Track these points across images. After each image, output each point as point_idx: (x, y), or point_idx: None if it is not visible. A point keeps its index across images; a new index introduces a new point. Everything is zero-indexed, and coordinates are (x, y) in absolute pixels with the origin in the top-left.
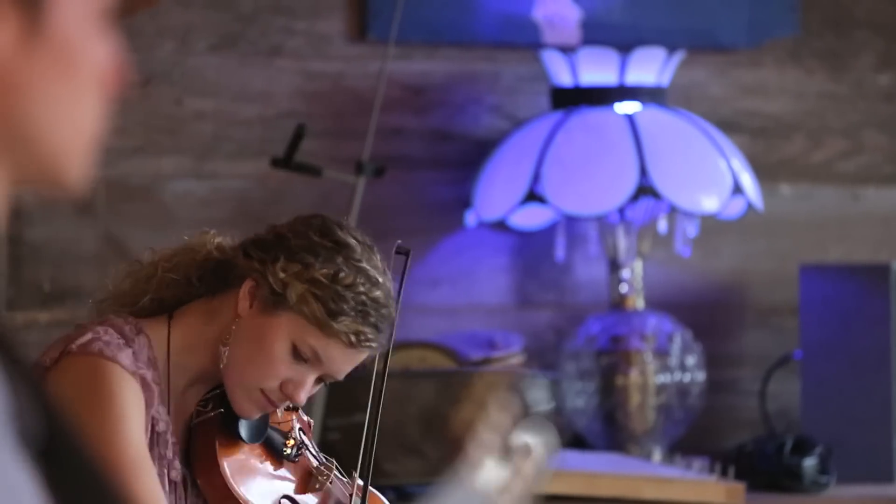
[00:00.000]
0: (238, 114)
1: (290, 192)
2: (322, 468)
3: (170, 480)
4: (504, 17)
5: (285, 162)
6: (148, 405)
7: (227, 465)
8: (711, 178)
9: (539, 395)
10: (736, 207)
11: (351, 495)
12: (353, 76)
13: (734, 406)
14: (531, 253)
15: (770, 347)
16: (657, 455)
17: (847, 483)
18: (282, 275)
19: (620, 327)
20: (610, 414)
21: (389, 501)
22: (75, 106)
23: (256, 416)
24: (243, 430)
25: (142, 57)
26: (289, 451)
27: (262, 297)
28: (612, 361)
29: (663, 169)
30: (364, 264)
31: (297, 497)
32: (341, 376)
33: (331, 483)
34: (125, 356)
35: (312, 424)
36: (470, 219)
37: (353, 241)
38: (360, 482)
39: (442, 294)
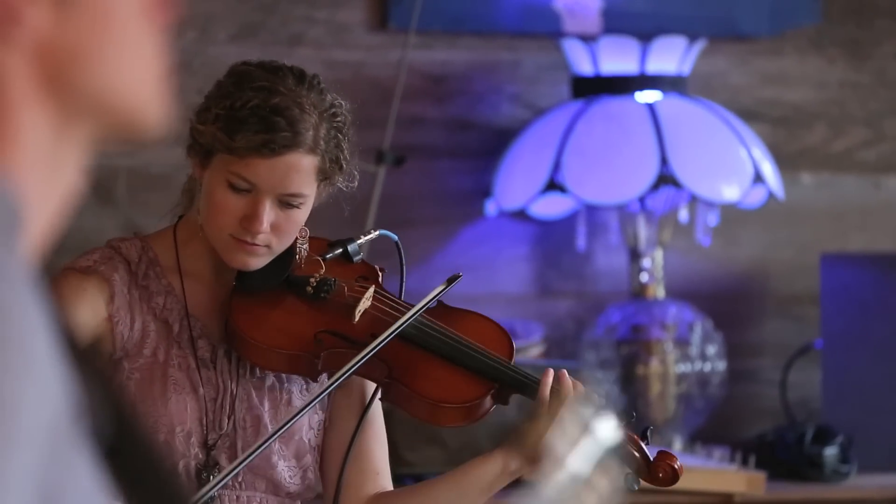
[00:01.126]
0: None
1: None
2: (357, 296)
3: (197, 359)
4: (525, 6)
5: None
6: (132, 301)
7: (239, 319)
8: (732, 167)
9: (608, 417)
10: (757, 196)
11: (395, 314)
12: (374, 65)
13: (755, 395)
14: (551, 242)
15: (791, 337)
16: (678, 444)
17: (868, 472)
18: (199, 127)
19: (641, 317)
20: (630, 403)
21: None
22: (128, 48)
23: (251, 261)
24: (251, 283)
25: None
26: (310, 290)
27: (197, 157)
28: (632, 351)
29: (684, 158)
30: (262, 83)
31: (334, 329)
32: (289, 188)
33: (369, 305)
34: (88, 259)
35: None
36: (490, 208)
37: (253, 69)
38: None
39: (462, 283)
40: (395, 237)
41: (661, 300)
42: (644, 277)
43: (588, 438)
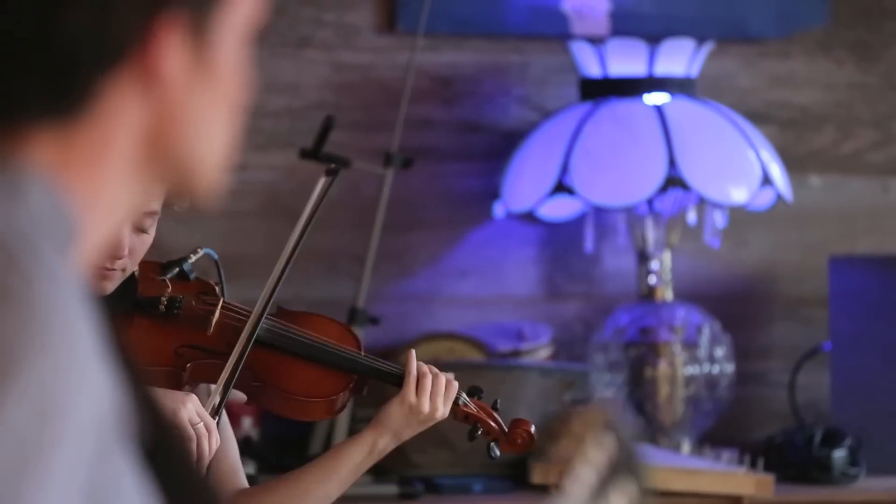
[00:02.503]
0: (266, 105)
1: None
2: (208, 308)
3: None
4: (533, 8)
5: (314, 153)
6: None
7: None
8: (740, 170)
9: (630, 436)
10: (765, 199)
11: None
12: (382, 67)
13: (763, 398)
14: (559, 244)
15: (799, 339)
16: (686, 447)
17: (876, 475)
18: None
19: (649, 319)
20: (639, 405)
21: (418, 492)
22: (219, 123)
23: (107, 285)
24: (115, 307)
25: None
26: (162, 308)
27: None
28: (640, 353)
29: (692, 160)
30: None
31: (192, 343)
32: (147, 207)
33: (216, 318)
34: None
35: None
36: (498, 210)
37: None
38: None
39: (470, 285)
40: (216, 256)
41: (670, 302)
42: (652, 279)
43: (609, 463)
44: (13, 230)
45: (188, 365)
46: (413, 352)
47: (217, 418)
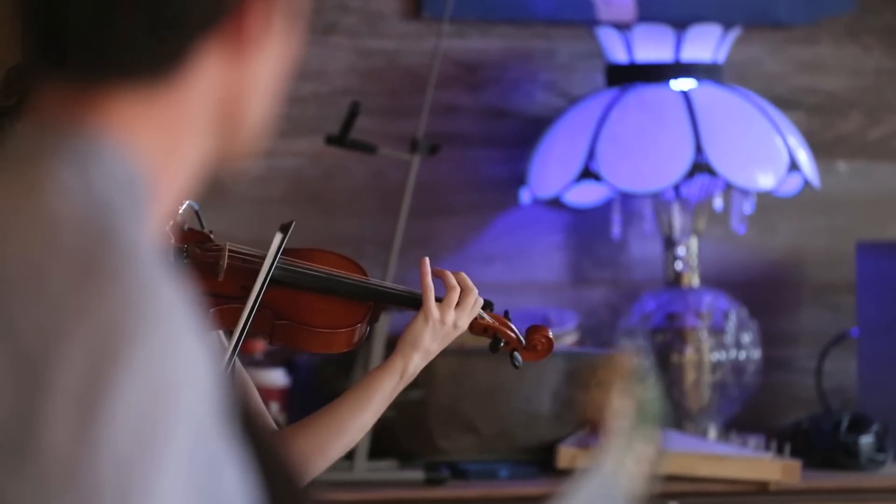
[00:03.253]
0: (293, 91)
1: (345, 170)
2: (215, 253)
3: None
4: None
5: (340, 139)
6: None
7: None
8: (767, 156)
9: (650, 382)
10: (792, 185)
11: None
12: (408, 54)
13: (790, 384)
14: (586, 230)
15: (826, 325)
16: (713, 432)
17: None
18: None
19: (676, 305)
20: (665, 391)
21: (445, 478)
22: (273, 93)
23: None
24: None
25: None
26: (171, 259)
27: None
28: (667, 339)
29: (719, 146)
30: None
31: (206, 290)
32: None
33: (225, 262)
34: None
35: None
36: (524, 196)
37: None
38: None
39: (496, 271)
40: (196, 206)
41: (696, 288)
42: (679, 266)
43: (638, 408)
44: (96, 200)
45: (209, 312)
46: (426, 262)
47: (231, 363)
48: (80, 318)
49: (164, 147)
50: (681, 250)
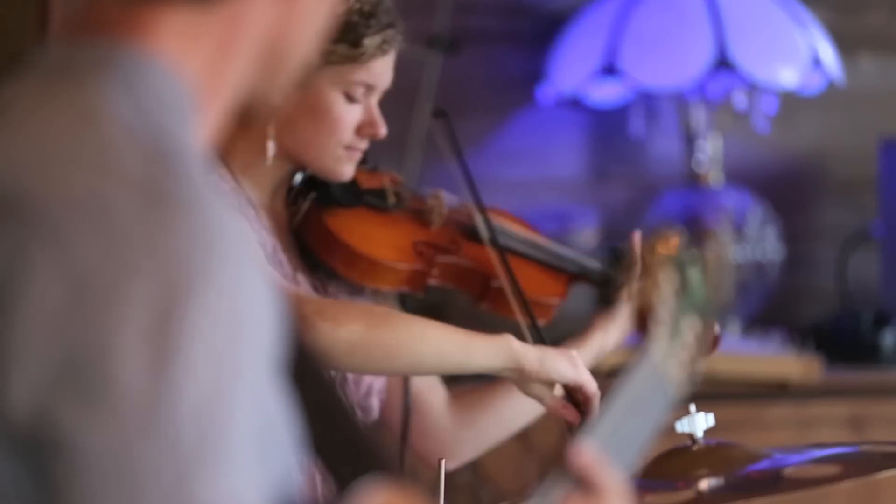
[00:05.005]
0: None
1: None
2: (431, 200)
3: None
4: None
5: None
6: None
7: (349, 237)
8: (790, 51)
9: (696, 267)
10: (816, 81)
11: (468, 216)
12: None
13: (812, 281)
14: (607, 128)
15: (849, 222)
16: (734, 331)
17: None
18: None
19: (697, 203)
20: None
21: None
22: (318, 31)
23: (352, 171)
24: (342, 199)
25: None
26: (392, 200)
27: None
28: (688, 237)
29: (741, 42)
30: None
31: (425, 238)
32: (390, 82)
33: (445, 211)
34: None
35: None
36: (544, 94)
37: None
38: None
39: (516, 170)
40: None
41: (718, 187)
42: (701, 164)
43: (682, 293)
44: (150, 124)
45: (434, 263)
46: (637, 238)
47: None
48: (148, 252)
49: (210, 71)
50: (703, 149)
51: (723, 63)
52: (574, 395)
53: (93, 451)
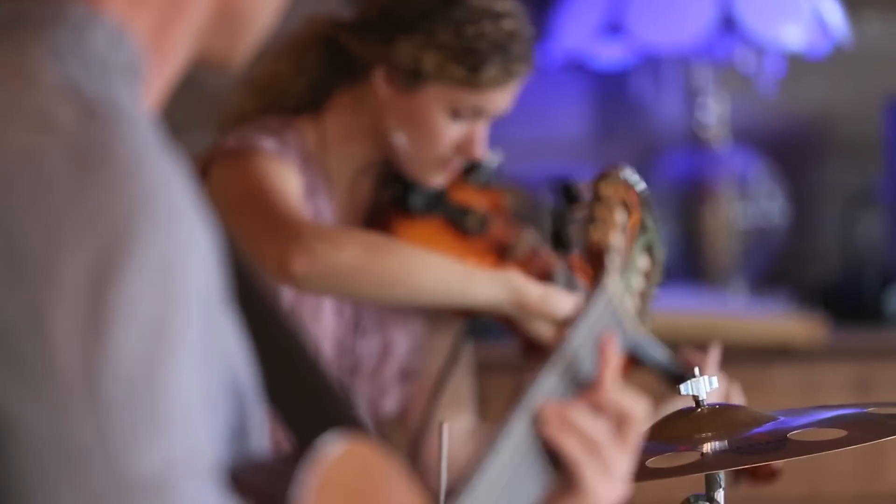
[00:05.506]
0: None
1: None
2: (514, 237)
3: None
4: None
5: None
6: (309, 192)
7: (405, 236)
8: (796, 12)
9: (648, 204)
10: (821, 41)
11: (548, 263)
12: None
13: (817, 243)
14: (611, 89)
15: (854, 183)
16: (738, 291)
17: None
18: (409, 51)
19: (702, 164)
20: (691, 251)
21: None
22: (276, 2)
23: (441, 180)
24: (417, 202)
25: None
26: (471, 223)
27: (398, 79)
28: (693, 199)
29: (747, 1)
30: (480, 2)
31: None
32: (509, 107)
33: (526, 251)
34: (269, 143)
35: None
36: (547, 53)
37: None
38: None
39: (519, 129)
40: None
41: (723, 147)
42: (705, 125)
43: (634, 229)
44: (93, 79)
45: None
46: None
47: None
48: (83, 214)
49: (158, 33)
50: (707, 109)
51: (728, 22)
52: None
53: (30, 425)
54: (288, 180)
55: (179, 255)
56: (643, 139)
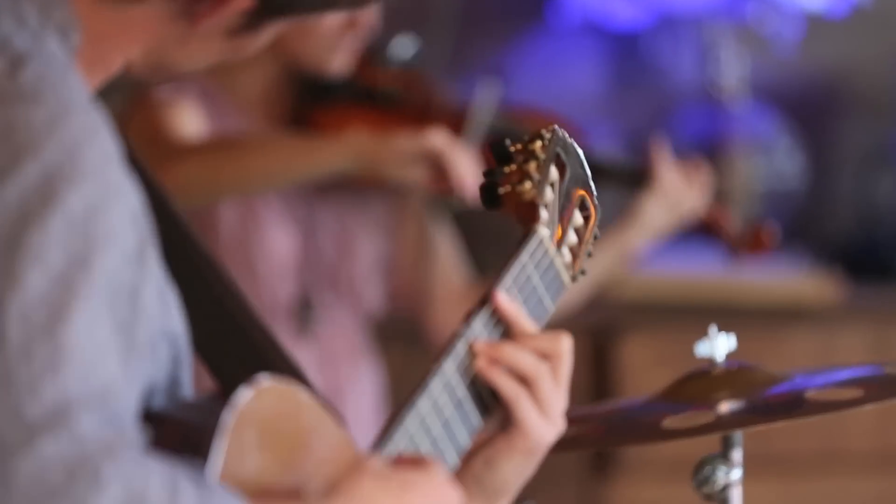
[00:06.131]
0: None
1: None
2: (434, 106)
3: None
4: None
5: None
6: (216, 115)
7: (325, 126)
8: None
9: (572, 145)
10: (841, 1)
11: None
12: None
13: (834, 201)
14: (628, 48)
15: (872, 142)
16: None
17: None
18: None
19: (719, 123)
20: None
21: None
22: (201, 62)
23: (344, 63)
24: (323, 93)
25: None
26: (380, 99)
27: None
28: (711, 156)
29: None
30: None
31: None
32: None
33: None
34: (162, 89)
35: None
36: (565, 14)
37: None
38: None
39: (537, 86)
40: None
41: (741, 107)
42: (721, 84)
43: (562, 173)
44: (23, 36)
45: None
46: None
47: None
48: (8, 153)
49: (96, 46)
50: (726, 68)
51: None
52: (438, 165)
53: None
54: (178, 116)
55: (104, 202)
56: (660, 99)
